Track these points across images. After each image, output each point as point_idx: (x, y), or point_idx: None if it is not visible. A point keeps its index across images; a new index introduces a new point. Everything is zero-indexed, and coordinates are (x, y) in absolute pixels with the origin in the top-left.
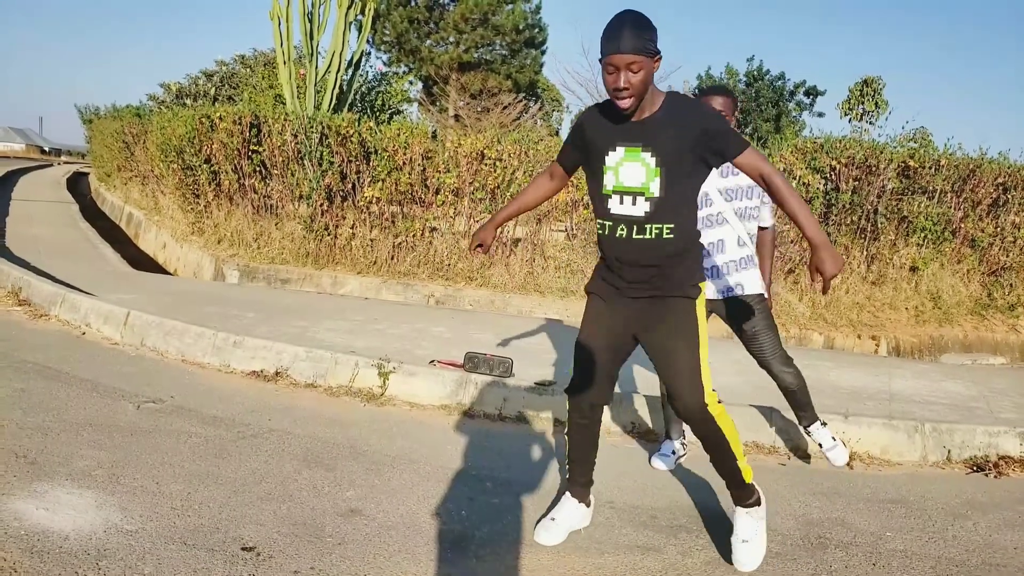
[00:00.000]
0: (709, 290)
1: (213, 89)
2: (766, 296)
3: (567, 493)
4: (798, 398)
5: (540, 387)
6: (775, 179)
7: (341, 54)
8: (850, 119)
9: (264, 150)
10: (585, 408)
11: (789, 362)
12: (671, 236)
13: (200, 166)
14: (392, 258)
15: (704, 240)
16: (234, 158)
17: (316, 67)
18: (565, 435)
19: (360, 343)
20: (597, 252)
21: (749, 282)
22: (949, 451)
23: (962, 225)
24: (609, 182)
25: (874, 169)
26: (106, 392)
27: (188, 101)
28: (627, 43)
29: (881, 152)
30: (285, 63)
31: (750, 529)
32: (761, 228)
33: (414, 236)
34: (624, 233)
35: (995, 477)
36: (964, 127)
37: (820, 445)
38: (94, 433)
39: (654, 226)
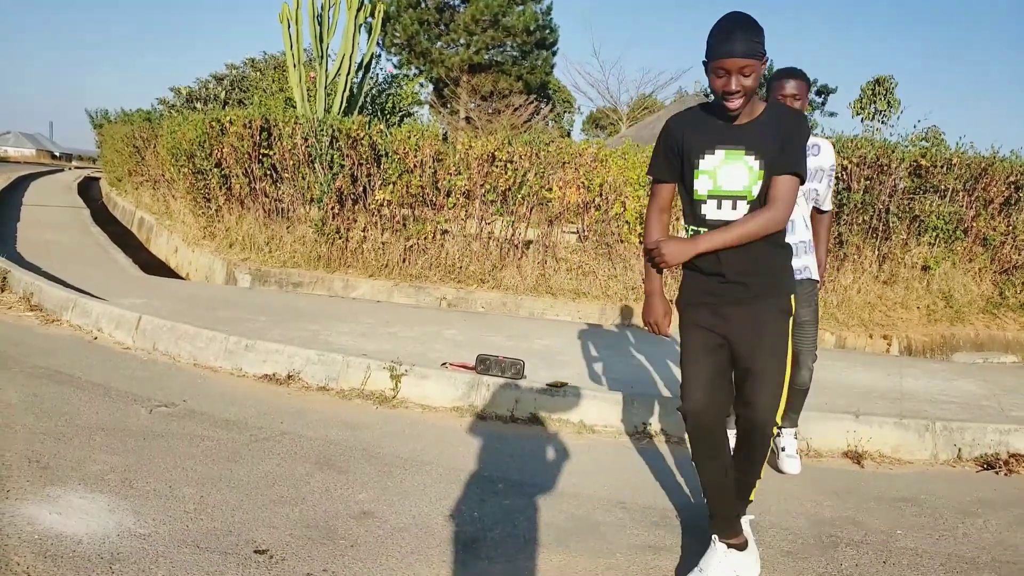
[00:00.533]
0: None
1: (223, 93)
2: (820, 285)
3: (713, 537)
4: (799, 400)
5: (552, 388)
6: (768, 212)
7: (351, 56)
8: (862, 118)
9: (275, 153)
10: (703, 426)
11: (814, 360)
12: (768, 237)
13: (211, 170)
14: (404, 261)
15: None
16: (245, 162)
17: (326, 70)
18: (692, 460)
19: (372, 346)
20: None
21: (813, 266)
22: (960, 449)
23: (974, 224)
24: (703, 186)
25: (886, 168)
26: (118, 396)
27: (198, 105)
28: (739, 47)
29: (893, 151)
30: (295, 66)
31: (750, 536)
32: (821, 211)
33: (425, 239)
34: (717, 224)
35: (1006, 475)
36: (976, 126)
37: (783, 448)
38: (106, 437)
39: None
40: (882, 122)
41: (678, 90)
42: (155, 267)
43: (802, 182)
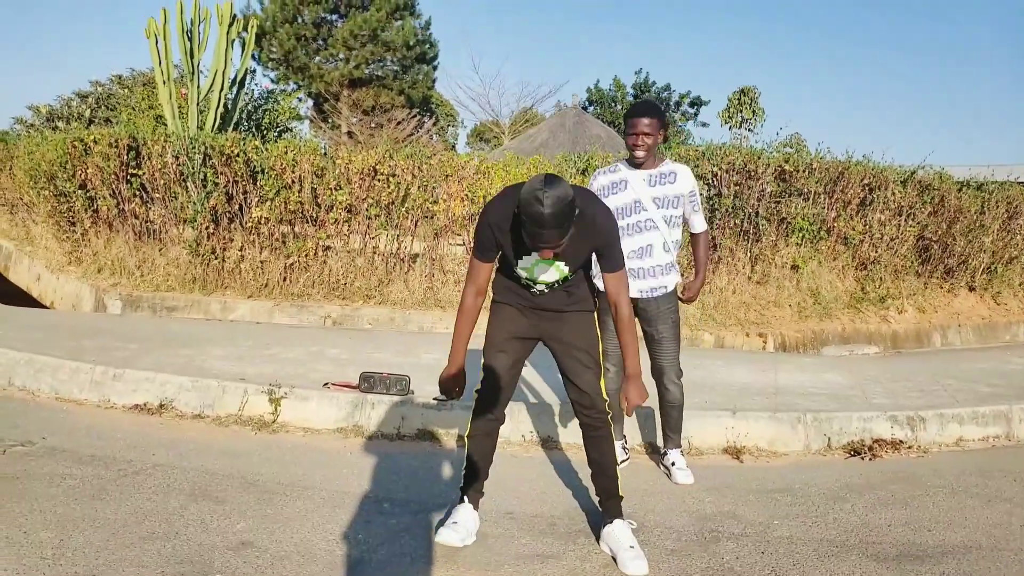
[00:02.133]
0: (631, 290)
1: (88, 111)
2: (680, 300)
3: (465, 500)
4: (675, 417)
5: (440, 403)
6: (623, 308)
7: (224, 72)
8: (730, 127)
9: (144, 173)
10: (492, 421)
11: (680, 376)
12: (575, 281)
13: (75, 192)
14: (284, 280)
15: (634, 245)
16: (112, 182)
17: (198, 86)
18: (467, 437)
19: (251, 370)
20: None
21: (671, 283)
22: (829, 438)
23: (835, 224)
24: (523, 273)
25: (753, 174)
26: None
27: (60, 124)
28: (557, 231)
29: (759, 158)
30: (164, 83)
31: (631, 536)
32: (695, 233)
33: (307, 256)
34: (541, 291)
35: (870, 460)
36: (834, 130)
37: (672, 463)
38: None
39: (565, 282)
40: (748, 130)
41: (556, 103)
42: (15, 296)
43: (620, 265)
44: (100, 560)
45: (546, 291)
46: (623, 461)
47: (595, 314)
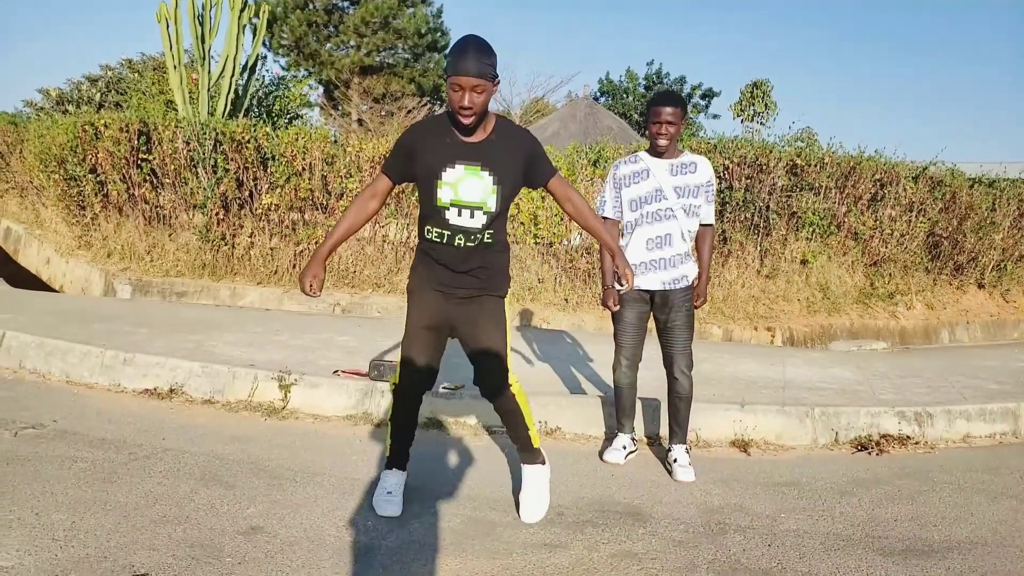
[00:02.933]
0: (652, 281)
1: (98, 95)
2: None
3: (394, 468)
4: (682, 411)
5: (448, 391)
6: (576, 199)
7: (235, 58)
8: (742, 120)
9: (154, 158)
10: (414, 395)
11: (690, 367)
12: (491, 242)
13: (85, 176)
14: (294, 266)
15: (652, 234)
16: (122, 167)
17: (209, 71)
18: (389, 419)
19: (260, 356)
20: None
21: (691, 274)
22: (836, 433)
23: (846, 219)
24: (446, 196)
25: (765, 168)
26: None
27: (70, 108)
28: (473, 66)
29: (770, 151)
30: (175, 67)
31: (538, 483)
32: (704, 225)
33: (316, 243)
34: (462, 242)
35: (877, 455)
36: (846, 125)
37: (675, 460)
38: None
39: (487, 232)
40: (761, 123)
41: (568, 93)
42: (24, 280)
43: (553, 171)
44: (111, 543)
45: (466, 245)
46: (631, 453)
47: (506, 303)
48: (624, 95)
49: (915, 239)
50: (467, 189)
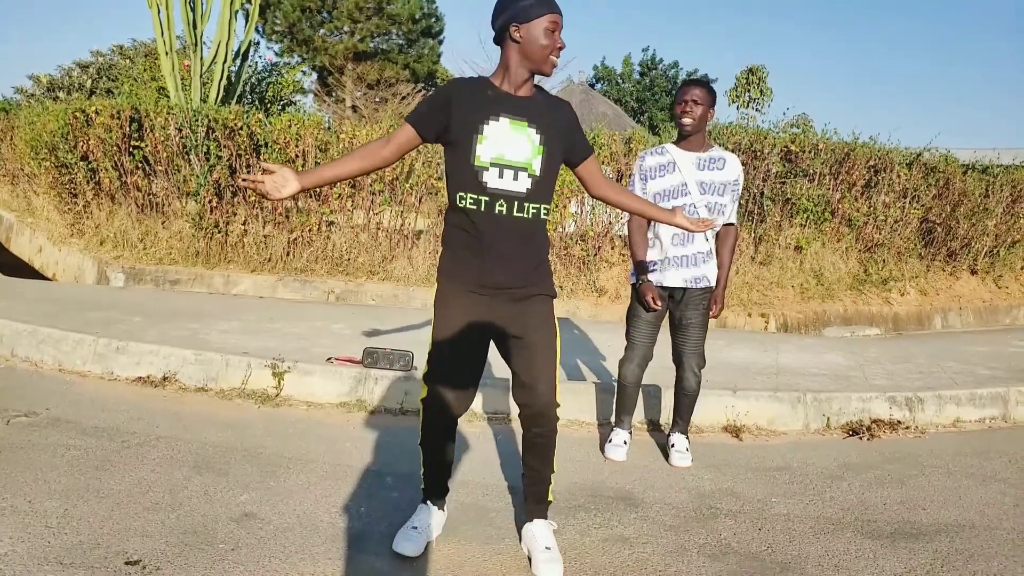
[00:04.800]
0: (675, 278)
1: (90, 81)
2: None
3: (426, 502)
4: (687, 406)
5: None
6: (620, 188)
7: (228, 44)
8: (738, 106)
9: (147, 145)
10: (446, 424)
11: (701, 367)
12: (545, 218)
13: (76, 163)
14: (288, 254)
15: (670, 231)
16: (114, 154)
17: (201, 57)
18: (419, 444)
19: (254, 343)
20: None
21: (711, 275)
22: (828, 418)
23: (840, 206)
24: (487, 152)
25: (759, 154)
26: None
27: (61, 94)
28: (559, 6)
29: (765, 138)
30: (167, 54)
31: (550, 537)
32: (727, 224)
33: (310, 231)
34: (504, 210)
35: (868, 440)
36: (841, 112)
37: (672, 445)
38: None
39: (532, 205)
40: (756, 110)
41: (566, 78)
42: (16, 268)
43: (590, 150)
44: (104, 529)
45: (509, 216)
46: (625, 443)
47: (555, 296)
48: (620, 81)
49: (909, 225)
50: (511, 146)
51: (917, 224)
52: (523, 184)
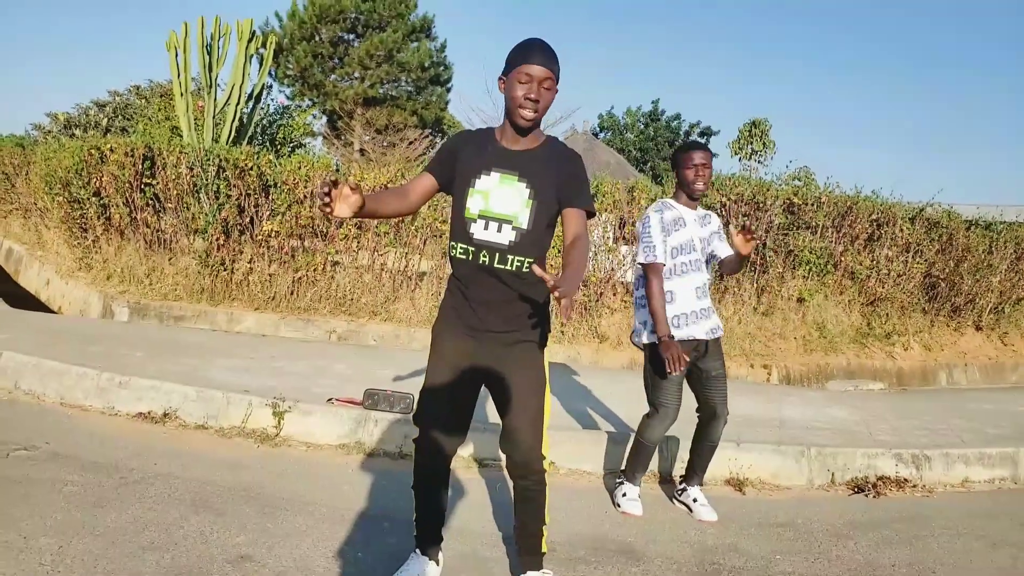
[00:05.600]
0: (703, 329)
1: (105, 120)
2: None
3: (416, 551)
4: (706, 457)
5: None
6: (583, 244)
7: (241, 87)
8: (740, 158)
9: (158, 183)
10: (435, 465)
11: (727, 415)
12: (524, 271)
13: (88, 199)
14: (292, 293)
15: (692, 284)
16: (126, 191)
17: (215, 99)
18: (412, 488)
19: (255, 382)
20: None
21: (720, 325)
22: (833, 474)
23: (843, 258)
24: (475, 205)
25: (762, 205)
26: None
27: (77, 132)
28: (543, 60)
29: (768, 189)
30: (182, 95)
31: None
32: (730, 254)
33: (315, 270)
34: (486, 260)
35: (874, 497)
36: (842, 165)
37: (694, 500)
38: None
39: (516, 258)
40: (759, 162)
41: (570, 127)
42: (24, 300)
43: (589, 203)
44: (98, 568)
45: (493, 266)
46: (639, 497)
47: (545, 354)
48: (623, 131)
49: (912, 280)
50: (499, 199)
51: (920, 279)
52: (506, 236)
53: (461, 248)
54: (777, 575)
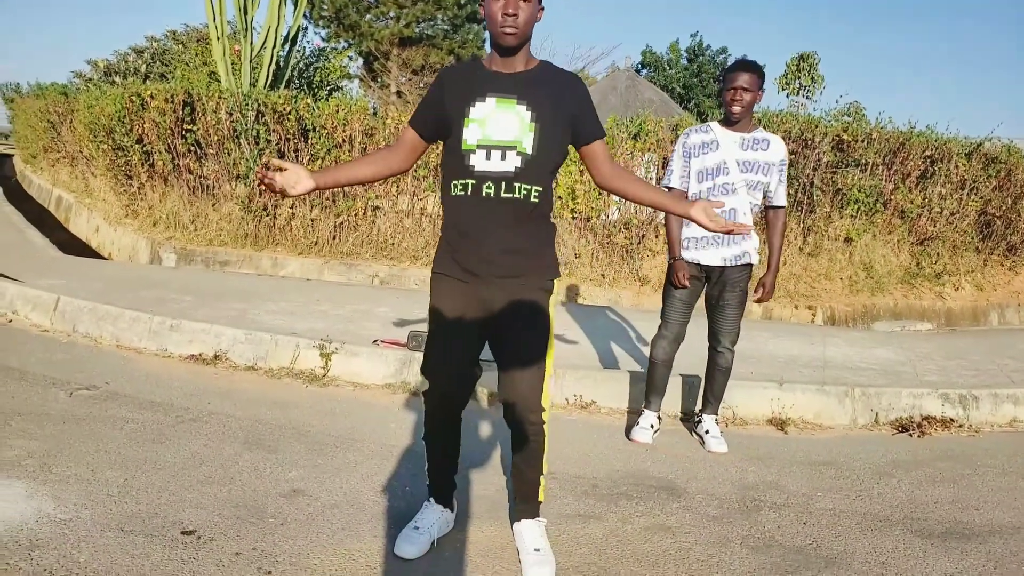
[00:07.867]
0: (713, 256)
1: (144, 66)
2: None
3: (431, 499)
4: (720, 382)
5: (484, 362)
6: (629, 173)
7: (277, 29)
8: (788, 94)
9: (198, 129)
10: (445, 415)
11: (734, 343)
12: (537, 200)
13: (132, 146)
14: (334, 238)
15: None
16: (167, 137)
17: (251, 43)
18: (423, 439)
19: (302, 324)
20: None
21: (753, 252)
22: (877, 414)
23: (892, 197)
24: (473, 135)
25: (810, 143)
26: (35, 380)
27: (117, 79)
28: None
29: (816, 126)
30: (219, 39)
31: (540, 539)
32: (776, 207)
33: (356, 215)
34: (491, 191)
35: (919, 436)
36: (896, 101)
37: (707, 431)
38: (23, 422)
39: (523, 185)
40: (807, 97)
41: (611, 64)
42: (75, 247)
43: (601, 133)
44: (161, 500)
45: (498, 197)
46: (656, 431)
47: (551, 300)
48: (667, 67)
49: (966, 218)
50: (498, 125)
51: (975, 217)
52: (511, 163)
53: (460, 185)
54: (818, 512)
